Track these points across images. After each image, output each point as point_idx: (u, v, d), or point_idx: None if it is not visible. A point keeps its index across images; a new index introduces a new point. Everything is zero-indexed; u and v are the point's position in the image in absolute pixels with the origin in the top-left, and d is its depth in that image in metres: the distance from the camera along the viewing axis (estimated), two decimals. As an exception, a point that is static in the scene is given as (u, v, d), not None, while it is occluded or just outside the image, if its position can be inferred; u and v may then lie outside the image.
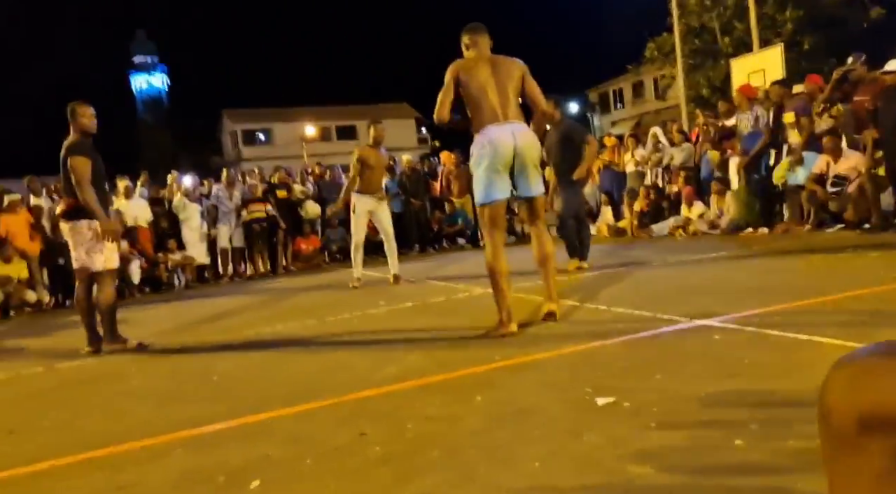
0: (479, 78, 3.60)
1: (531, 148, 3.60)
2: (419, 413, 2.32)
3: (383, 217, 6.89)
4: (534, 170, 3.65)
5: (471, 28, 3.80)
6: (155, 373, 3.76)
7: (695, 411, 2.01)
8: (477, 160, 3.57)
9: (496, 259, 3.55)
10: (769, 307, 3.33)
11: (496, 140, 3.51)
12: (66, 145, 4.41)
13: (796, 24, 20.04)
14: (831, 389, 0.60)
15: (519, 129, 3.57)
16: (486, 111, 3.56)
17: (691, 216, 8.61)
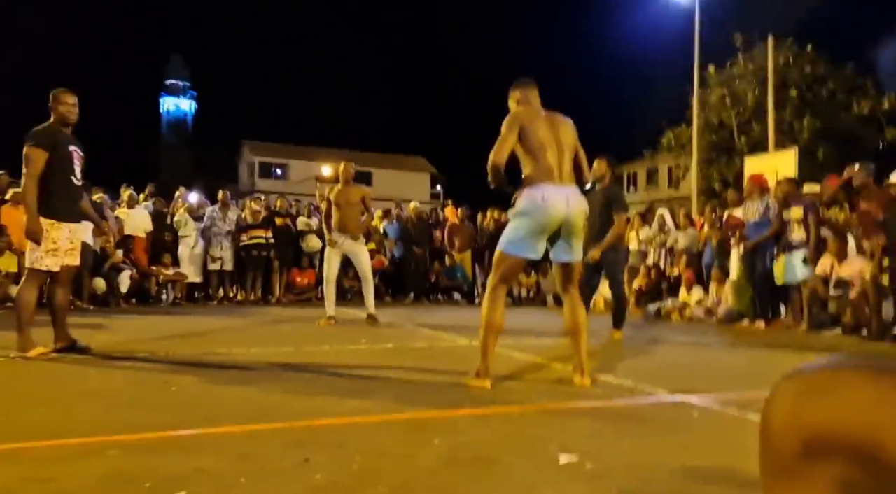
0: (538, 133, 3.42)
1: (581, 216, 3.43)
2: (372, 448, 2.19)
3: (361, 257, 6.85)
4: (579, 236, 3.49)
5: (523, 83, 3.67)
6: (115, 379, 3.62)
7: (660, 481, 1.89)
8: (522, 212, 3.37)
9: (494, 311, 3.39)
10: (753, 391, 3.20)
11: (549, 202, 3.31)
12: (29, 133, 4.19)
13: (812, 133, 20.45)
14: (775, 405, 0.52)
15: (573, 194, 3.41)
16: (542, 167, 3.38)
17: (689, 301, 8.52)
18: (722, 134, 22.89)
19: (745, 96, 21.79)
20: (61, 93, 4.29)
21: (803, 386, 0.50)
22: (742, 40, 21.56)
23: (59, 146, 4.21)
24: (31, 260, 4.19)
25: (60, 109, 4.27)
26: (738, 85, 21.96)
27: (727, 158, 22.34)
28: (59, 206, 4.21)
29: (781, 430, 0.50)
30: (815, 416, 0.48)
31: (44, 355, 4.14)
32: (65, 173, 4.25)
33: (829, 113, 21.03)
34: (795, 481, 0.49)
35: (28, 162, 4.11)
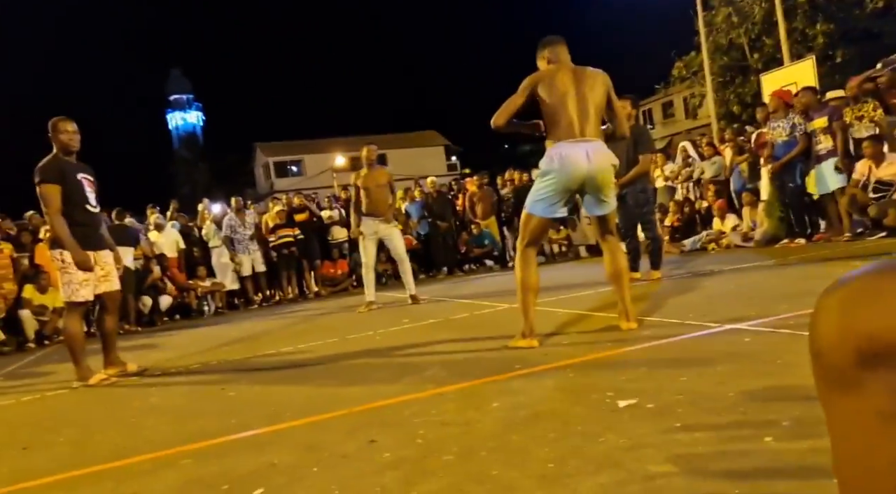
0: (559, 89, 3.34)
1: (606, 171, 3.35)
2: (433, 420, 2.22)
3: (395, 240, 6.84)
4: (607, 191, 3.42)
5: (549, 41, 3.55)
6: (174, 391, 3.73)
7: (723, 410, 1.88)
8: (543, 172, 3.36)
9: (527, 271, 3.40)
10: (805, 310, 3.15)
11: (568, 159, 3.26)
12: (36, 169, 4.17)
13: (828, 38, 19.70)
14: (822, 319, 0.50)
15: (594, 149, 3.31)
16: (562, 125, 3.32)
17: (724, 229, 8.39)
18: (733, 54, 22.21)
19: (751, 11, 21.05)
20: (60, 122, 4.26)
21: (850, 293, 0.49)
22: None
23: (67, 176, 4.20)
24: (68, 294, 4.24)
25: (62, 138, 4.24)
26: (743, 1, 21.20)
27: (742, 78, 21.70)
28: (78, 236, 4.21)
29: (832, 342, 0.49)
30: (865, 323, 0.47)
31: (104, 380, 4.26)
32: (79, 202, 4.26)
33: (843, 13, 20.19)
34: (853, 391, 0.48)
35: (45, 200, 4.13)
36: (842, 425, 0.50)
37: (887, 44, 18.47)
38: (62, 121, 4.27)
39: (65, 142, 4.25)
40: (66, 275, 4.18)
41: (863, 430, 0.48)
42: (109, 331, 4.52)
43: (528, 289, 3.38)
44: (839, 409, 0.50)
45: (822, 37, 19.57)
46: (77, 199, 4.24)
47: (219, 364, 4.49)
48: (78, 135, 4.33)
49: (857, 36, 20.49)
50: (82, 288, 4.23)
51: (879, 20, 20.01)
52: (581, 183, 3.33)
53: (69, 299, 4.25)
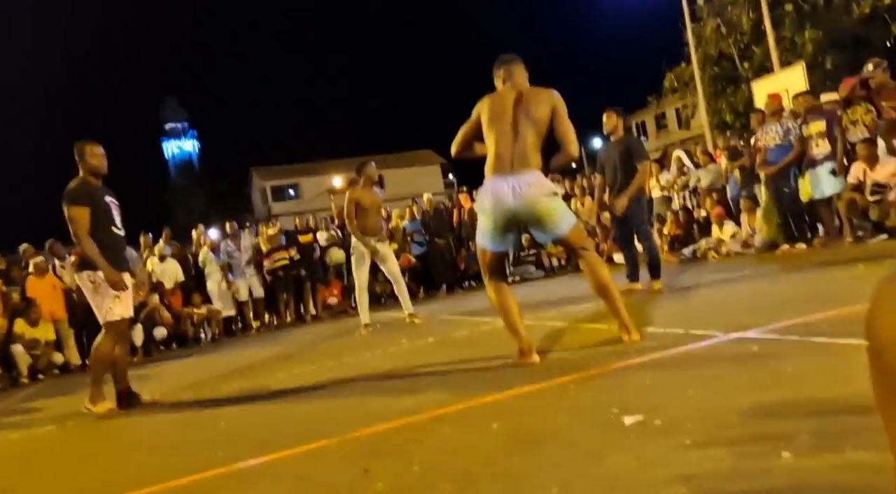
0: (494, 116, 3.31)
1: (537, 202, 3.17)
2: (431, 445, 2.11)
3: (389, 261, 6.73)
4: (547, 218, 3.22)
5: (504, 60, 3.52)
6: (163, 424, 3.60)
7: (735, 424, 1.77)
8: (479, 207, 3.36)
9: (502, 298, 3.35)
10: (812, 315, 3.06)
11: (493, 196, 3.21)
12: (65, 191, 4.16)
13: (816, 45, 19.79)
14: (884, 311, 0.41)
15: (523, 183, 3.16)
16: (490, 158, 3.29)
17: (723, 237, 8.30)
18: (723, 64, 22.34)
19: (739, 22, 21.21)
20: (88, 146, 4.25)
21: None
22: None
23: (96, 199, 4.19)
24: (104, 315, 4.16)
25: (92, 162, 4.23)
26: (731, 11, 21.37)
27: (733, 88, 21.80)
28: (107, 258, 4.15)
29: (892, 340, 0.40)
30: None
31: (112, 411, 4.13)
32: (107, 225, 4.22)
33: (830, 20, 20.32)
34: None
35: (74, 223, 4.09)
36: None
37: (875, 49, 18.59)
38: (91, 145, 4.26)
39: (95, 165, 4.24)
40: (99, 297, 4.13)
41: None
42: (120, 358, 4.39)
43: (508, 312, 3.32)
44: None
45: (811, 44, 19.66)
46: (105, 222, 4.21)
47: (212, 394, 4.37)
48: (105, 159, 4.31)
49: (846, 42, 20.59)
50: (116, 306, 4.16)
51: (866, 26, 20.12)
52: (508, 220, 3.22)
53: (106, 319, 4.16)
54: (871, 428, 1.54)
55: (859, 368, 2.13)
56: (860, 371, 2.10)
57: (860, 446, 1.44)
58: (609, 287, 3.31)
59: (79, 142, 4.27)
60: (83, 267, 4.17)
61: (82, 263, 4.19)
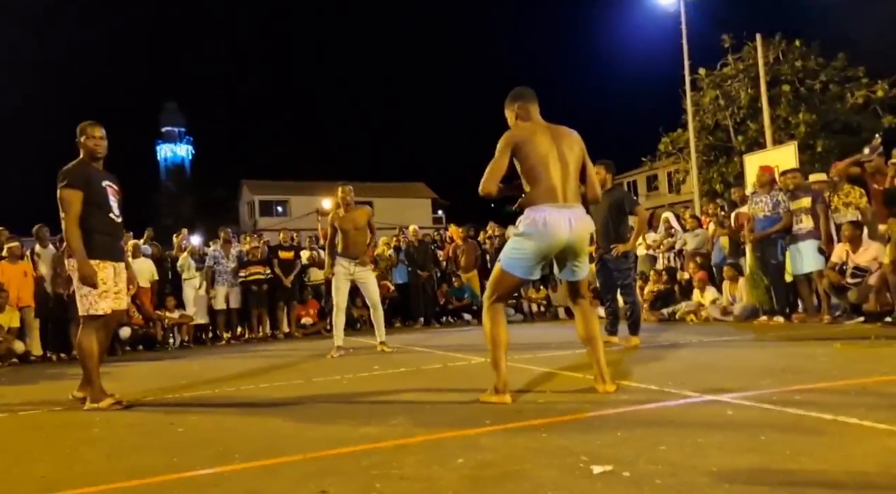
0: (539, 150, 3.23)
1: (585, 239, 3.30)
2: (392, 473, 2.05)
3: (370, 285, 6.67)
4: (583, 257, 3.34)
5: (521, 96, 3.45)
6: (120, 424, 3.48)
7: (704, 485, 1.74)
8: (523, 234, 3.23)
9: (497, 327, 3.29)
10: (788, 387, 3.05)
11: (552, 225, 3.15)
12: (60, 173, 3.94)
13: (809, 128, 20.32)
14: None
15: (576, 216, 3.22)
16: (544, 187, 3.20)
17: (703, 301, 8.35)
18: (718, 135, 22.81)
19: (738, 96, 21.75)
20: (88, 127, 4.06)
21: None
22: (730, 41, 21.61)
23: (92, 183, 3.97)
24: (86, 307, 3.92)
25: (88, 143, 4.04)
26: (731, 85, 21.93)
27: (725, 159, 22.22)
28: (100, 245, 3.96)
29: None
30: None
31: (119, 404, 3.90)
32: (102, 210, 4.00)
33: (824, 105, 20.93)
34: None
35: (64, 204, 3.86)
36: None
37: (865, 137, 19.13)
38: (90, 126, 4.08)
39: (91, 147, 4.05)
40: (86, 287, 3.89)
41: None
42: (100, 351, 4.16)
43: (498, 345, 3.26)
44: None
45: (804, 126, 20.17)
46: (102, 207, 4.00)
47: (174, 398, 4.26)
48: (105, 141, 4.11)
49: (837, 128, 21.19)
50: (101, 300, 3.93)
51: (858, 115, 20.74)
52: (561, 249, 3.24)
53: (88, 312, 3.93)
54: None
55: (830, 444, 2.13)
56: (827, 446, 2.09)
57: (831, 518, 1.41)
58: (597, 337, 3.36)
59: (83, 122, 4.10)
60: (69, 253, 3.97)
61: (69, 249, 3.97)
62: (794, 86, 20.92)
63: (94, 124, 4.10)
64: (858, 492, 1.60)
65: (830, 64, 20.87)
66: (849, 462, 1.84)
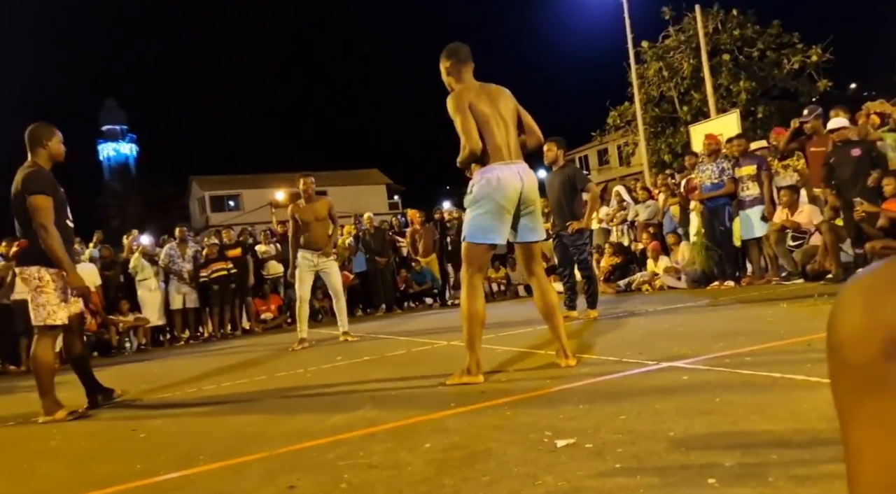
0: (483, 111, 3.30)
1: (535, 189, 3.38)
2: (360, 463, 2.06)
3: (332, 275, 6.64)
4: (537, 214, 3.43)
5: (454, 51, 3.47)
6: (78, 433, 3.40)
7: (663, 450, 1.80)
8: (478, 199, 3.29)
9: (474, 301, 3.28)
10: (739, 349, 3.17)
11: (504, 180, 3.23)
12: (24, 178, 3.75)
13: (750, 95, 20.87)
14: (844, 309, 0.42)
15: (524, 170, 3.34)
16: (491, 147, 3.28)
17: (657, 270, 8.56)
18: (664, 106, 23.21)
19: (681, 67, 22.14)
20: (48, 130, 3.90)
21: (877, 282, 0.41)
22: (670, 13, 21.94)
23: (56, 189, 3.86)
24: (43, 317, 3.78)
25: (53, 147, 3.90)
26: (673, 57, 22.30)
27: (672, 129, 22.66)
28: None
29: (856, 334, 0.40)
30: (893, 314, 0.39)
31: (73, 414, 3.78)
32: (61, 217, 3.88)
33: (763, 72, 21.49)
34: (881, 391, 0.39)
35: (38, 212, 3.69)
36: (867, 429, 0.41)
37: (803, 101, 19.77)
38: (50, 129, 3.92)
39: (56, 152, 3.92)
40: (44, 296, 3.76)
41: (887, 434, 0.39)
42: (82, 354, 4.14)
43: (475, 320, 3.26)
44: (860, 411, 0.41)
45: (745, 93, 20.71)
46: (62, 214, 3.89)
47: (133, 402, 4.17)
48: (64, 146, 4.01)
49: (776, 94, 21.83)
50: (60, 310, 3.81)
51: (795, 80, 21.37)
52: (516, 202, 3.30)
53: (45, 322, 3.79)
54: (791, 459, 1.60)
55: (779, 401, 2.21)
56: (777, 404, 2.18)
57: (782, 476, 1.48)
58: (556, 310, 3.42)
59: (36, 124, 3.92)
60: (30, 262, 3.80)
61: (28, 257, 3.81)
62: (734, 54, 21.39)
63: (52, 127, 3.95)
64: (808, 448, 1.67)
65: (766, 31, 21.40)
66: (797, 419, 1.93)
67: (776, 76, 21.55)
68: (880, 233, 6.06)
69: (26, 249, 3.83)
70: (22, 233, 3.85)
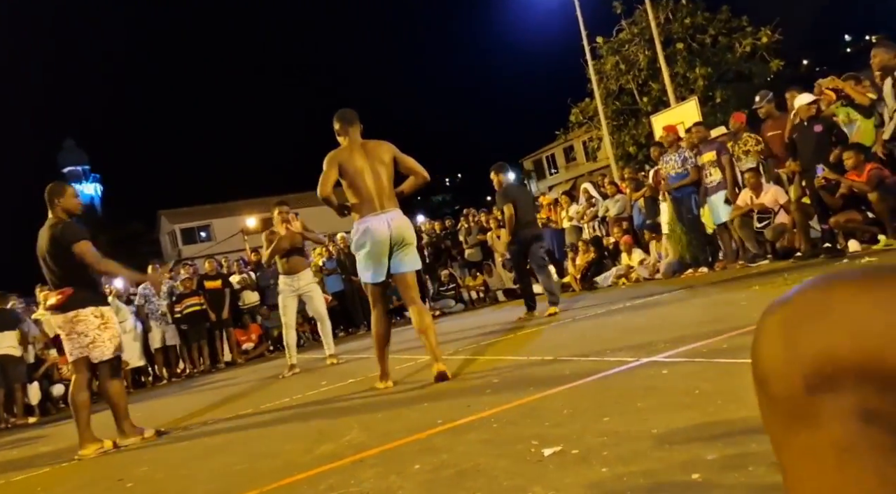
0: (356, 167, 3.89)
1: (405, 230, 3.96)
2: (352, 491, 2.06)
3: (315, 298, 6.63)
4: (408, 250, 4.01)
5: (342, 116, 4.09)
6: (66, 485, 3.34)
7: (647, 449, 1.83)
8: (357, 246, 3.96)
9: (379, 325, 4.07)
10: (716, 337, 3.22)
11: (374, 231, 3.85)
12: (59, 233, 4.15)
13: (706, 81, 21.25)
14: (764, 343, 0.44)
15: (393, 217, 3.92)
16: (364, 201, 3.90)
17: (632, 263, 8.65)
18: (624, 99, 23.53)
19: (637, 59, 22.49)
20: (59, 187, 4.36)
21: (792, 312, 0.42)
22: (621, 7, 22.29)
23: (88, 236, 4.31)
24: (112, 350, 4.21)
25: (66, 203, 4.32)
26: (628, 49, 22.64)
27: (634, 121, 22.97)
28: (101, 294, 4.43)
29: (777, 368, 0.42)
30: (812, 344, 0.40)
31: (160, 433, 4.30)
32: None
33: (716, 58, 21.92)
34: (807, 424, 0.41)
35: (87, 255, 4.14)
36: (794, 462, 0.42)
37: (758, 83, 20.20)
38: (63, 185, 4.43)
39: (72, 206, 4.37)
40: (108, 331, 4.21)
41: (818, 467, 0.41)
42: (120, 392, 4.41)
43: (380, 340, 4.06)
44: (790, 444, 0.42)
45: (702, 79, 21.09)
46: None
47: (117, 450, 4.10)
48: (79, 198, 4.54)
49: (731, 77, 22.27)
50: (112, 343, 4.24)
51: (748, 62, 21.83)
52: (387, 248, 3.92)
53: (115, 354, 4.25)
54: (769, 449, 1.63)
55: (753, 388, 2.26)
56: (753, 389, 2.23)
57: (762, 464, 1.51)
58: (430, 329, 3.96)
59: (50, 184, 4.37)
60: (83, 305, 4.14)
61: (79, 301, 4.14)
62: (687, 42, 21.79)
63: (63, 184, 4.46)
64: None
65: (716, 17, 21.84)
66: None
67: (730, 60, 21.98)
68: (840, 204, 6.20)
69: (74, 296, 4.14)
70: (64, 283, 4.17)
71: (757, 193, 7.14)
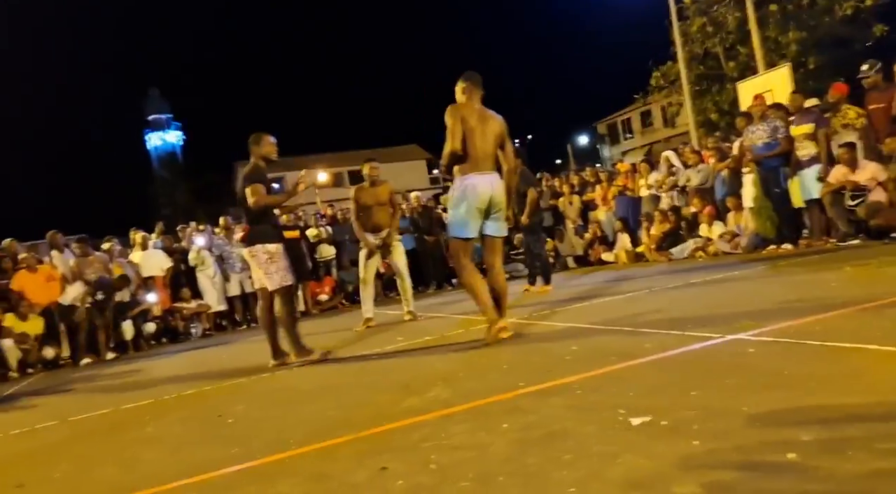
0: (470, 125, 4.10)
1: (503, 196, 4.21)
2: (444, 444, 2.19)
3: (395, 255, 6.80)
4: (502, 215, 4.23)
5: (469, 77, 4.29)
6: (170, 419, 3.65)
7: (738, 426, 1.86)
8: (456, 201, 4.13)
9: (471, 276, 4.16)
10: (805, 318, 3.17)
11: (478, 187, 4.06)
12: (243, 175, 4.80)
13: (800, 46, 20.03)
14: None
15: (496, 181, 4.17)
16: (471, 159, 4.11)
17: (712, 236, 8.44)
18: (709, 63, 22.51)
19: (725, 21, 21.37)
20: (256, 137, 4.91)
21: None
22: (713, -35, 21.13)
23: (266, 180, 4.83)
24: (278, 281, 4.73)
25: (268, 149, 4.91)
26: (717, 10, 21.52)
27: (719, 87, 21.99)
28: (274, 231, 4.89)
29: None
30: None
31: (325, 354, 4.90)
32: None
33: (813, 21, 20.57)
34: None
35: (255, 195, 4.68)
36: None
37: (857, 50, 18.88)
38: (264, 135, 4.95)
39: (270, 152, 4.94)
40: (275, 264, 4.73)
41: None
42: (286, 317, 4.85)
43: (475, 289, 4.12)
44: None
45: (795, 44, 19.88)
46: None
47: (212, 389, 4.41)
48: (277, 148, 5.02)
49: (828, 43, 20.85)
50: (288, 273, 4.79)
51: (848, 27, 20.39)
52: (486, 207, 4.12)
53: (281, 284, 4.74)
54: (871, 434, 1.64)
55: (847, 373, 2.24)
56: (848, 375, 2.21)
57: (862, 449, 1.53)
58: (505, 292, 4.25)
59: (252, 135, 4.93)
60: (255, 241, 4.73)
61: (253, 238, 4.74)
62: (781, 3, 20.52)
63: (261, 134, 4.95)
64: (887, 422, 1.70)
65: (815, -27, 20.42)
66: (873, 391, 1.96)
67: (827, 24, 20.60)
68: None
69: (251, 233, 4.78)
70: (248, 219, 4.85)
71: (852, 169, 6.79)
